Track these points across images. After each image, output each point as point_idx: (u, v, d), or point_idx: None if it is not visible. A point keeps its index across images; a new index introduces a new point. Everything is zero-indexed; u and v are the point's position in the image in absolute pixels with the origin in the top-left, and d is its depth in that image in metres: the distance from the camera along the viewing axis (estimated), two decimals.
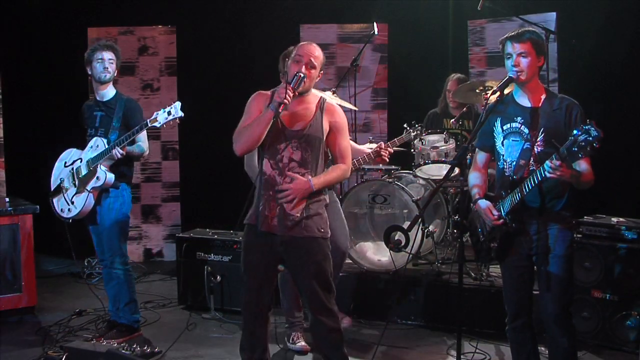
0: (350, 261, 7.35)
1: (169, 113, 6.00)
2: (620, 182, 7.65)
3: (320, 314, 4.83)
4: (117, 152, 6.13)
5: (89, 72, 6.47)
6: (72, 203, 6.38)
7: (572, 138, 4.09)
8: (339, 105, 5.04)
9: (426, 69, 9.39)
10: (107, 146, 6.19)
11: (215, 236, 7.39)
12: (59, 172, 6.57)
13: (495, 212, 4.65)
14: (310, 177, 4.72)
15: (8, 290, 7.16)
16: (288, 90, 4.60)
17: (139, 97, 9.30)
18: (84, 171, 6.33)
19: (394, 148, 6.42)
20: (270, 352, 5.17)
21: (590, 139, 4.03)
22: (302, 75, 4.68)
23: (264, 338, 5.00)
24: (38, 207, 7.29)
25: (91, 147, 6.35)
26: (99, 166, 6.23)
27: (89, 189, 6.27)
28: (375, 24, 8.48)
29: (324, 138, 4.80)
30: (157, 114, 6.05)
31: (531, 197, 4.54)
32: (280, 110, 4.59)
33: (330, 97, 8.05)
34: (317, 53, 4.81)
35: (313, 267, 4.78)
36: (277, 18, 9.80)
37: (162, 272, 8.96)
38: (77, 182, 6.36)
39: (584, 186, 4.46)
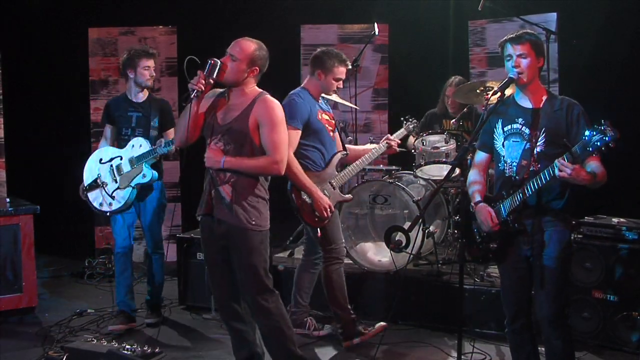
0: (351, 261, 7.35)
1: None
2: (622, 183, 7.60)
3: (254, 312, 5.00)
4: (162, 150, 6.59)
5: (130, 75, 6.87)
6: (114, 198, 6.66)
7: (586, 138, 4.10)
8: (342, 104, 5.07)
9: (427, 70, 9.40)
10: (150, 146, 6.62)
11: (192, 235, 7.44)
12: (95, 168, 6.78)
13: (495, 219, 4.67)
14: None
15: (8, 290, 7.16)
16: (200, 78, 4.73)
17: None
18: (126, 168, 6.66)
19: (397, 140, 6.69)
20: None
21: (607, 139, 4.06)
22: (215, 61, 4.79)
23: (248, 332, 5.03)
24: (38, 207, 7.30)
25: (132, 145, 6.70)
26: (144, 164, 6.61)
27: (133, 185, 6.62)
28: (375, 25, 8.49)
29: (250, 132, 4.84)
30: None
31: (532, 197, 4.54)
32: (192, 97, 4.73)
33: (331, 98, 8.14)
34: (244, 46, 4.92)
35: (242, 257, 4.88)
36: (278, 18, 9.82)
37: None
38: (118, 178, 6.67)
39: (597, 185, 4.42)
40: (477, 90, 7.00)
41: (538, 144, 4.55)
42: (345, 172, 6.32)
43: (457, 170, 6.61)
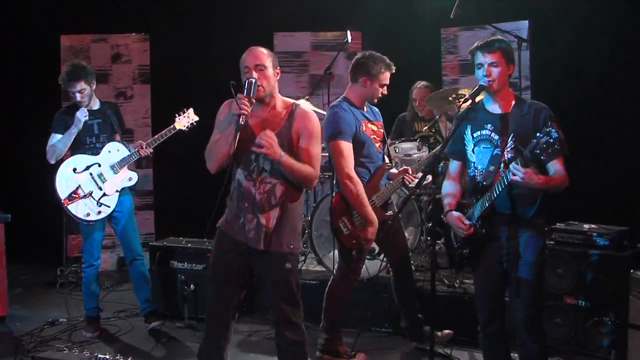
0: (324, 269, 7.35)
1: (188, 117, 6.81)
2: (593, 189, 7.69)
3: (283, 327, 4.81)
4: (144, 152, 6.73)
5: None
6: (101, 204, 6.68)
7: (535, 141, 4.15)
8: (315, 111, 5.00)
9: (400, 77, 9.34)
10: (128, 149, 6.73)
11: (189, 245, 7.38)
12: (70, 179, 6.69)
13: (466, 222, 4.69)
14: (282, 184, 4.66)
15: None
16: (243, 101, 4.48)
17: None
18: (109, 174, 6.71)
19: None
20: None
21: (552, 140, 4.08)
22: (253, 80, 4.55)
23: (224, 348, 4.93)
24: (9, 216, 7.23)
25: (109, 151, 6.75)
26: (126, 168, 6.74)
27: (119, 190, 6.73)
28: (349, 32, 8.49)
29: (295, 145, 4.68)
30: (180, 119, 6.81)
31: (502, 203, 4.57)
32: (241, 123, 4.48)
33: (304, 105, 8.13)
34: (261, 53, 4.68)
35: (277, 279, 4.75)
36: (251, 26, 9.79)
37: None
38: (103, 185, 6.69)
39: (555, 190, 4.47)
40: (450, 98, 7.02)
41: (507, 149, 4.57)
42: (386, 189, 6.03)
43: (429, 178, 6.66)
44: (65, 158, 6.76)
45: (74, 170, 6.68)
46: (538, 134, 4.15)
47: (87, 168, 6.68)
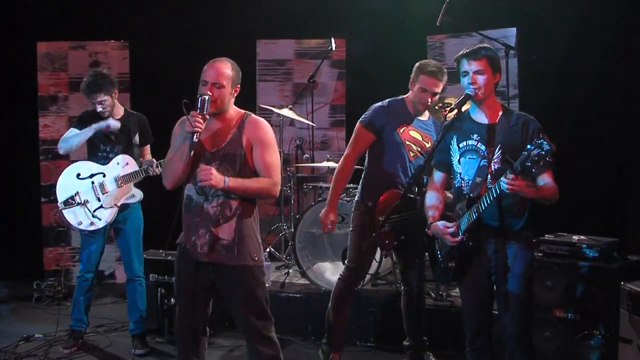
0: (308, 282, 7.32)
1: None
2: (582, 201, 7.70)
3: (257, 343, 4.76)
4: (154, 171, 6.62)
5: None
6: (96, 217, 6.61)
7: (526, 153, 4.12)
8: (298, 120, 4.98)
9: (385, 85, 9.34)
10: (137, 164, 6.68)
11: (169, 257, 7.29)
12: (71, 184, 6.69)
13: (450, 225, 4.68)
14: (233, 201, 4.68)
15: None
16: (196, 118, 4.50)
17: None
18: (111, 187, 6.65)
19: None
20: None
21: (543, 153, 4.06)
22: (206, 97, 4.55)
23: None
24: None
25: (118, 163, 6.70)
26: (131, 184, 6.67)
27: (118, 205, 6.65)
28: (332, 40, 8.51)
29: (245, 154, 4.68)
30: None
31: (490, 215, 4.55)
32: (195, 140, 4.52)
33: (287, 114, 8.11)
34: (223, 70, 4.66)
35: (245, 294, 4.71)
36: (233, 33, 9.77)
37: (114, 295, 8.85)
38: (102, 197, 6.64)
39: (546, 201, 4.46)
40: (436, 107, 7.00)
41: (494, 160, 4.56)
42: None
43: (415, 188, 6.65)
44: (78, 159, 6.87)
45: (78, 175, 6.69)
46: (529, 146, 4.11)
47: (91, 176, 6.66)
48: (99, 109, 6.64)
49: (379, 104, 5.99)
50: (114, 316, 7.25)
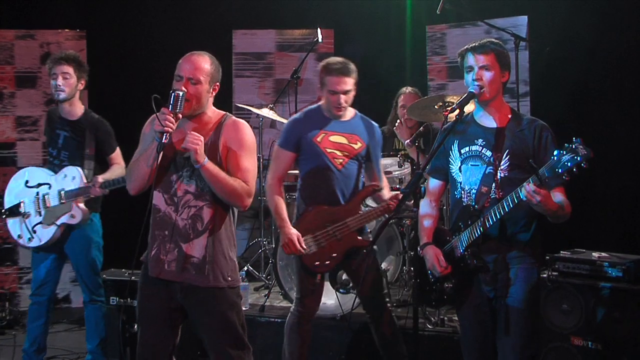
0: (291, 305, 7.33)
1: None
2: (602, 212, 7.71)
3: None
4: (95, 192, 6.51)
5: None
6: (35, 232, 6.55)
7: (555, 158, 4.09)
8: (280, 122, 4.97)
9: (379, 82, 9.41)
10: (84, 181, 6.50)
11: (133, 277, 7.26)
12: (19, 192, 6.67)
13: (444, 262, 4.69)
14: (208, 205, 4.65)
15: None
16: (167, 116, 4.44)
17: (41, 114, 9.19)
18: (53, 201, 6.55)
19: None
20: None
21: (579, 158, 4.03)
22: (179, 93, 4.48)
23: None
24: None
25: (65, 176, 6.56)
26: (73, 203, 6.49)
27: (58, 224, 6.52)
28: (319, 30, 8.52)
29: (221, 162, 4.65)
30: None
31: (492, 229, 4.54)
32: (163, 141, 4.46)
33: (267, 115, 8.13)
34: (201, 64, 4.62)
35: (218, 320, 4.69)
36: (207, 23, 9.76)
37: (69, 321, 8.78)
38: (42, 212, 6.56)
39: (560, 219, 4.47)
40: (435, 106, 6.94)
41: (501, 167, 4.56)
42: (366, 214, 5.97)
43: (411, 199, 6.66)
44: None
45: (26, 182, 6.66)
46: (556, 152, 4.11)
47: (38, 185, 6.62)
48: (59, 81, 6.56)
49: (293, 116, 6.10)
50: (70, 346, 7.23)
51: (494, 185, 4.56)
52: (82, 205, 6.53)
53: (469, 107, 4.71)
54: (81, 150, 6.62)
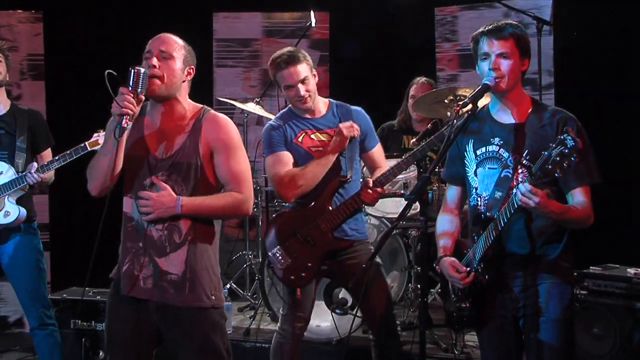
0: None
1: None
2: (636, 222, 7.71)
3: None
4: (32, 178, 6.35)
5: None
6: None
7: (545, 153, 4.03)
8: (267, 118, 4.94)
9: (381, 72, 9.42)
10: (16, 173, 6.42)
11: (98, 297, 7.26)
12: None
13: (461, 268, 4.61)
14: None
15: None
16: (125, 96, 4.34)
17: None
18: None
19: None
20: None
21: (567, 151, 3.93)
22: (141, 70, 4.38)
23: None
24: None
25: None
26: (6, 198, 6.41)
27: None
28: (312, 13, 8.51)
29: (202, 163, 4.57)
30: (98, 135, 6.35)
31: (516, 240, 4.47)
32: (123, 126, 4.34)
33: (253, 110, 8.12)
34: (173, 40, 4.59)
35: (199, 344, 4.63)
36: (183, 4, 9.76)
37: (22, 349, 8.70)
38: None
39: (573, 224, 4.40)
40: (446, 100, 6.91)
41: (520, 171, 4.45)
42: (338, 210, 5.90)
43: (417, 206, 6.65)
44: None
45: None
46: (550, 144, 4.07)
47: None
48: None
49: (269, 123, 6.07)
50: None
51: (512, 190, 4.46)
52: (12, 199, 6.48)
53: (483, 101, 4.64)
54: (13, 144, 6.57)
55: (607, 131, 7.13)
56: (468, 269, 4.55)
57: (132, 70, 4.35)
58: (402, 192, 7.26)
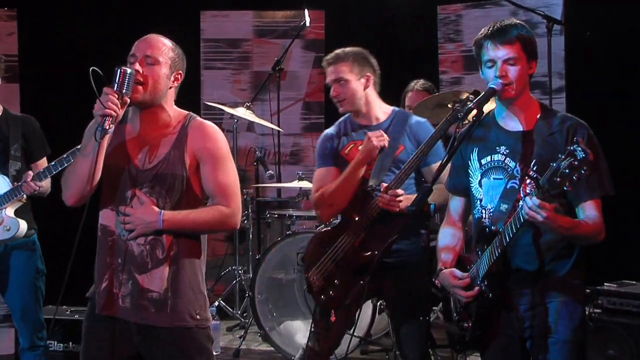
0: (272, 348, 7.33)
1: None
2: None
3: None
4: (29, 187, 6.28)
5: None
6: None
7: (554, 165, 4.00)
8: (259, 124, 4.93)
9: (380, 75, 9.42)
10: (11, 183, 6.39)
11: (76, 316, 7.27)
12: None
13: (461, 275, 4.58)
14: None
15: None
16: (109, 96, 4.27)
17: None
18: None
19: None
20: None
21: (577, 163, 3.92)
22: (127, 70, 4.31)
23: None
24: None
25: None
26: (3, 211, 6.39)
27: None
28: (306, 12, 8.53)
29: (189, 176, 4.54)
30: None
31: (524, 256, 4.46)
32: (105, 127, 4.26)
33: (243, 116, 8.13)
34: (161, 44, 4.52)
35: None
36: (169, 3, 9.77)
37: None
38: None
39: (582, 240, 4.38)
40: (449, 105, 6.96)
41: (527, 182, 4.42)
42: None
43: None
44: None
45: None
46: (559, 155, 4.05)
47: None
48: None
49: (325, 131, 6.11)
50: None
51: (518, 202, 4.46)
52: (10, 212, 6.45)
53: (489, 106, 4.63)
54: (7, 153, 6.55)
55: (622, 138, 7.13)
56: (470, 275, 4.54)
57: (118, 70, 4.29)
58: None
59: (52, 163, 6.34)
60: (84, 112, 4.66)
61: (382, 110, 5.93)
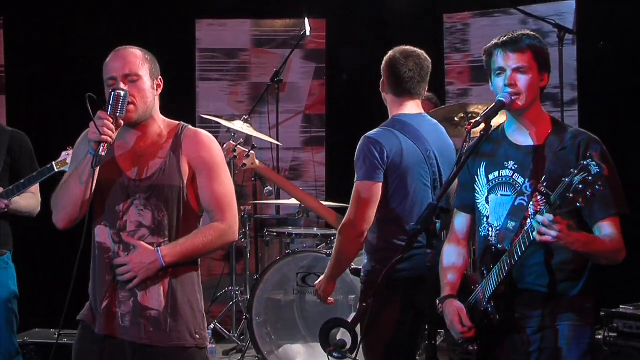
0: None
1: None
2: None
3: None
4: (4, 205, 6.26)
5: None
6: None
7: (566, 180, 3.97)
8: (257, 137, 4.92)
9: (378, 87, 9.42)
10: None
11: (65, 340, 7.24)
12: None
13: (466, 323, 4.58)
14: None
15: None
16: (105, 121, 4.29)
17: None
18: None
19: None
20: None
21: (591, 178, 3.92)
22: (121, 92, 4.35)
23: None
24: None
25: None
26: None
27: None
28: (306, 20, 8.52)
29: (185, 185, 4.55)
30: (67, 154, 6.27)
31: (532, 276, 4.44)
32: (101, 154, 4.30)
33: (241, 129, 8.12)
34: (133, 56, 4.53)
35: None
36: (163, 11, 9.76)
37: None
38: None
39: (601, 259, 4.34)
40: (456, 118, 6.95)
41: (537, 198, 4.40)
42: None
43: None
44: None
45: None
46: (572, 170, 4.02)
47: None
48: None
49: None
50: None
51: (526, 220, 4.40)
52: None
53: (498, 119, 4.63)
54: None
55: (638, 153, 7.11)
56: (470, 325, 4.53)
57: (112, 94, 4.33)
58: None
59: (22, 181, 6.35)
60: (71, 124, 4.65)
61: None
